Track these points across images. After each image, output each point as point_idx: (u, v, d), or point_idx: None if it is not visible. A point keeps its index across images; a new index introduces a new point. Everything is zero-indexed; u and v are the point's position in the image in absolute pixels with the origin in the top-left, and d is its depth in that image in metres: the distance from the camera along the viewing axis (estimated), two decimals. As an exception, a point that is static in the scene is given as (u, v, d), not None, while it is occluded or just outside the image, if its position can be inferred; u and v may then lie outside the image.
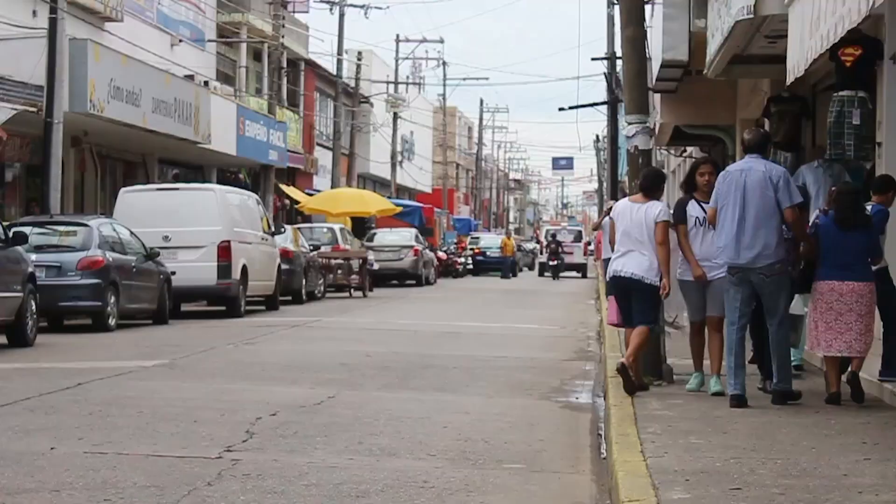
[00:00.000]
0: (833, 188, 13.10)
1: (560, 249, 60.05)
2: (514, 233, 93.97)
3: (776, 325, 12.07)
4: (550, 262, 59.81)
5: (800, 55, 12.23)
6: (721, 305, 12.68)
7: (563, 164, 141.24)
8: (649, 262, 13.01)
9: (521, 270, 70.39)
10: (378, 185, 71.01)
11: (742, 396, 11.87)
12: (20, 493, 8.23)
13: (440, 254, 57.73)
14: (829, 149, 14.63)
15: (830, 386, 12.16)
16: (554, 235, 63.67)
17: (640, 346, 13.02)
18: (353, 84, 62.68)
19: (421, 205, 63.18)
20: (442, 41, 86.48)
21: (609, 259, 27.71)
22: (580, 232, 69.22)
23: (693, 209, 13.18)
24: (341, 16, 58.71)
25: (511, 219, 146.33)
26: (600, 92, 65.24)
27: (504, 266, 63.59)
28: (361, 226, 51.14)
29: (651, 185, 13.37)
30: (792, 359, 14.19)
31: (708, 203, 12.70)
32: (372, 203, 49.50)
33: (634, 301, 13.19)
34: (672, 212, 13.40)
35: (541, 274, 64.53)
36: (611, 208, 28.62)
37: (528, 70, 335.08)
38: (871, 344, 12.14)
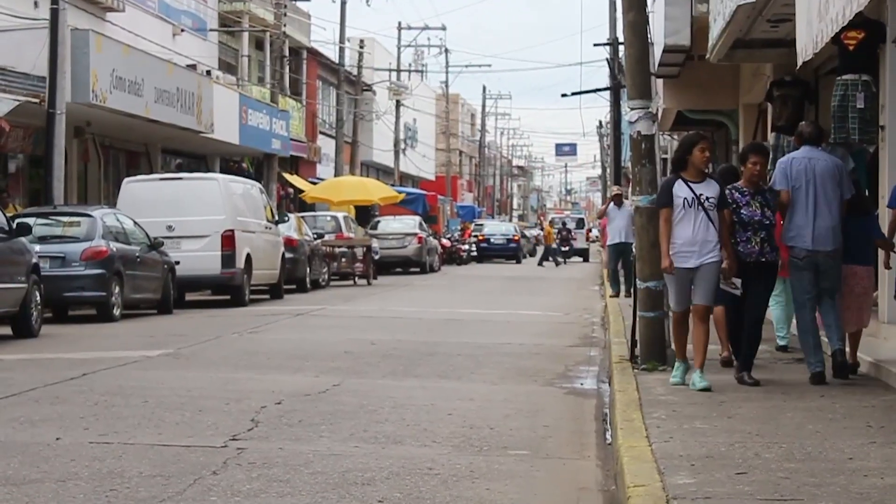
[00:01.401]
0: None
1: (569, 236, 63.75)
2: (518, 219, 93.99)
3: (833, 301, 12.57)
4: (562, 248, 62.17)
5: (808, 39, 12.22)
6: (709, 294, 12.28)
7: (566, 150, 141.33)
8: None
9: (525, 257, 70.44)
10: (381, 172, 71.01)
11: (823, 374, 12.35)
12: (26, 483, 8.24)
13: (444, 241, 57.78)
14: (833, 132, 14.62)
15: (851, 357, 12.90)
16: (564, 223, 68.12)
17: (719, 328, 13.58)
18: (355, 72, 62.66)
19: (424, 192, 63.19)
20: (444, 28, 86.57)
21: (615, 244, 28.10)
22: (582, 219, 74.93)
23: (680, 189, 12.27)
24: (343, 4, 58.66)
25: (515, 205, 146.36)
26: (603, 78, 65.30)
27: (510, 252, 64.41)
28: (365, 214, 51.14)
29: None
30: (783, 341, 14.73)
31: (697, 182, 12.23)
32: (375, 191, 49.48)
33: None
34: (658, 194, 13.05)
35: (546, 258, 64.78)
36: (616, 195, 28.87)
37: (531, 56, 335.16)
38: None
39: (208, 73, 41.66)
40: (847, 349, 12.76)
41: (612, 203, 29.01)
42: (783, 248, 12.66)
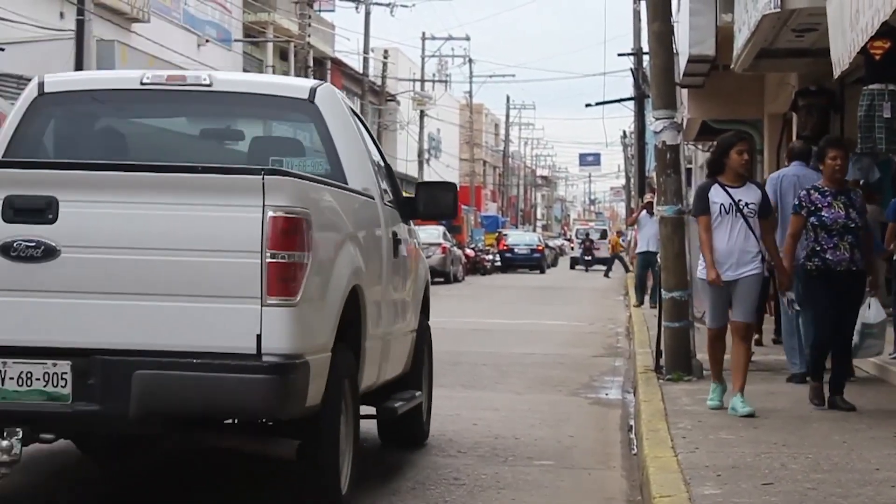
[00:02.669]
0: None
1: (592, 246, 67.45)
2: (541, 229, 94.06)
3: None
4: (585, 258, 66.88)
5: (843, 49, 12.17)
6: (750, 310, 11.26)
7: (590, 160, 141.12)
8: None
9: (549, 266, 70.55)
10: (405, 182, 70.92)
11: (804, 375, 12.27)
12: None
13: (468, 251, 57.79)
14: (859, 142, 14.58)
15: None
16: (587, 234, 71.07)
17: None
18: (379, 82, 62.81)
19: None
20: (468, 38, 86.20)
21: (643, 253, 27.99)
22: (605, 230, 76.33)
23: (717, 194, 11.15)
24: (367, 14, 58.85)
25: (538, 215, 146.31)
26: (627, 87, 65.29)
27: (534, 262, 64.84)
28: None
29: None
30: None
31: (736, 186, 11.10)
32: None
33: None
34: (693, 201, 11.96)
35: (572, 267, 70.57)
36: (648, 202, 28.75)
37: (555, 66, 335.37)
38: None
39: (233, 83, 41.72)
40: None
41: (643, 211, 28.77)
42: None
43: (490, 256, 63.60)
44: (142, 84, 8.60)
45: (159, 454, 9.21)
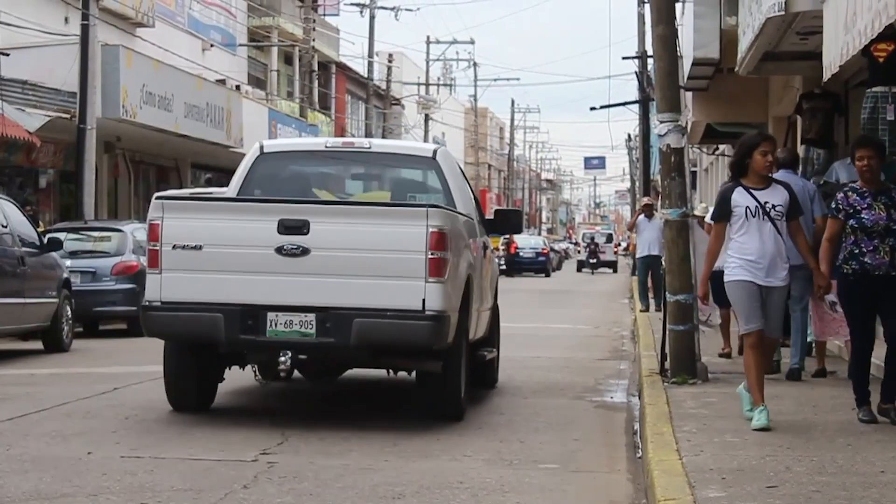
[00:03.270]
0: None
1: (597, 249, 69.54)
2: (547, 233, 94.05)
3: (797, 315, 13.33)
4: (590, 260, 68.89)
5: (835, 52, 12.18)
6: (780, 325, 10.85)
7: (594, 163, 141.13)
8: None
9: (554, 270, 70.52)
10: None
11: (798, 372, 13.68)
12: (58, 497, 8.28)
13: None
14: (862, 145, 14.56)
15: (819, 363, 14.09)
16: (592, 238, 73.20)
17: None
18: (384, 86, 62.79)
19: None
20: (472, 42, 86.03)
21: (644, 257, 27.84)
22: (611, 234, 78.92)
23: (741, 197, 10.69)
24: (371, 18, 58.85)
25: (544, 219, 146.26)
26: (631, 91, 65.34)
27: (539, 265, 64.68)
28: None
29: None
30: None
31: (761, 188, 10.68)
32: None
33: None
34: (714, 205, 11.36)
35: (579, 270, 71.37)
36: (647, 205, 28.69)
37: (559, 70, 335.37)
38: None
39: (237, 87, 41.80)
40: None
41: (641, 214, 28.54)
42: None
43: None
44: (325, 147, 13.94)
45: (343, 377, 13.60)
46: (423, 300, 10.92)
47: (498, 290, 15.27)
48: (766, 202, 10.64)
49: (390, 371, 12.85)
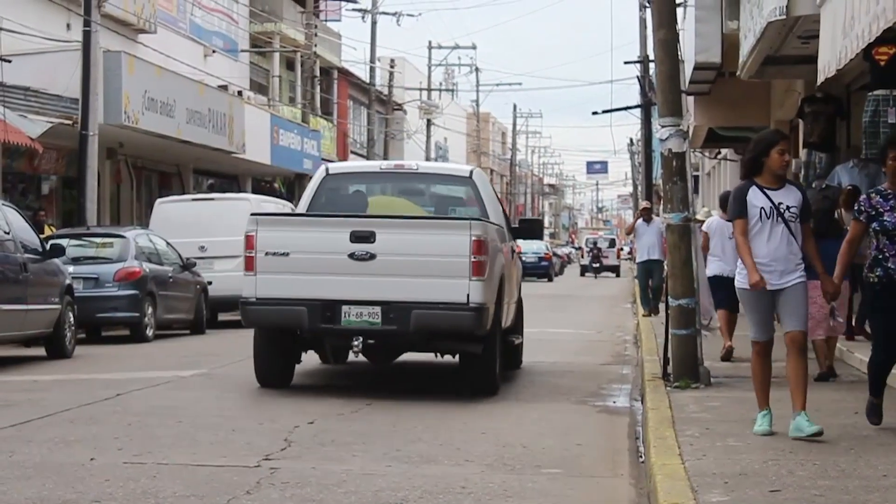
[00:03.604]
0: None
1: (600, 254, 71.06)
2: (549, 238, 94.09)
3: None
4: (593, 265, 70.33)
5: (832, 55, 12.18)
6: (804, 317, 10.34)
7: (597, 167, 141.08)
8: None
9: (557, 274, 70.55)
10: (412, 191, 70.94)
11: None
12: (61, 503, 8.27)
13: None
14: (864, 148, 14.58)
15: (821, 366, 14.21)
16: (595, 243, 75.13)
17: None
18: (386, 91, 62.80)
19: (456, 211, 63.08)
20: (474, 47, 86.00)
21: (644, 262, 27.75)
22: (614, 239, 79.72)
23: (756, 197, 10.35)
24: (373, 24, 58.87)
25: (546, 224, 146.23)
26: (633, 95, 65.29)
27: (541, 270, 64.55)
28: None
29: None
30: None
31: (775, 189, 10.34)
32: (405, 210, 49.38)
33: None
34: (730, 203, 10.91)
35: (582, 274, 72.46)
36: (645, 209, 28.65)
37: (561, 74, 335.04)
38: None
39: (240, 93, 41.84)
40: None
41: (640, 219, 28.39)
42: None
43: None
44: (380, 169, 16.86)
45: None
46: (468, 295, 13.44)
47: (521, 285, 17.80)
48: (780, 203, 10.33)
49: (437, 354, 15.68)
